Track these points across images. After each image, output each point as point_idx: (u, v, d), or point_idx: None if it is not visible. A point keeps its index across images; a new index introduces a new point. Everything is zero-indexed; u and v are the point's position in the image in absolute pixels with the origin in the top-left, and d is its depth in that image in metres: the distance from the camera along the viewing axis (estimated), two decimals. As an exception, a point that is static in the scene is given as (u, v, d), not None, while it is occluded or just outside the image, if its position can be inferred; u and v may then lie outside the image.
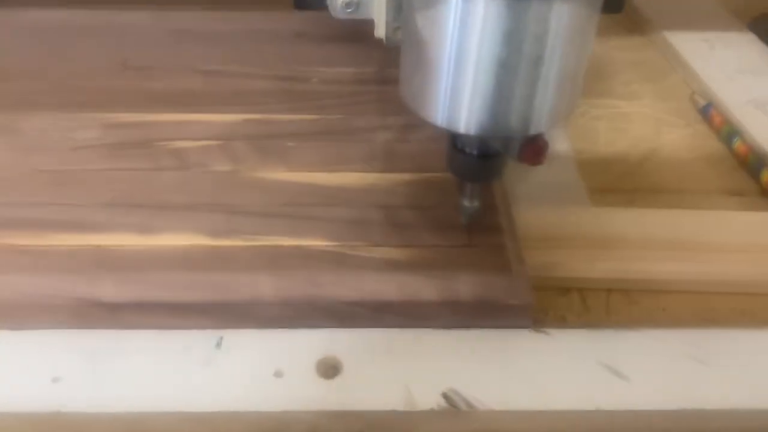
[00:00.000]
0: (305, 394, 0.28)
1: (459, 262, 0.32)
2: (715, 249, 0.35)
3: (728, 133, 0.44)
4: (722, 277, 0.34)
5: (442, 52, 0.26)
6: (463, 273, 0.31)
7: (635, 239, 0.35)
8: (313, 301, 0.30)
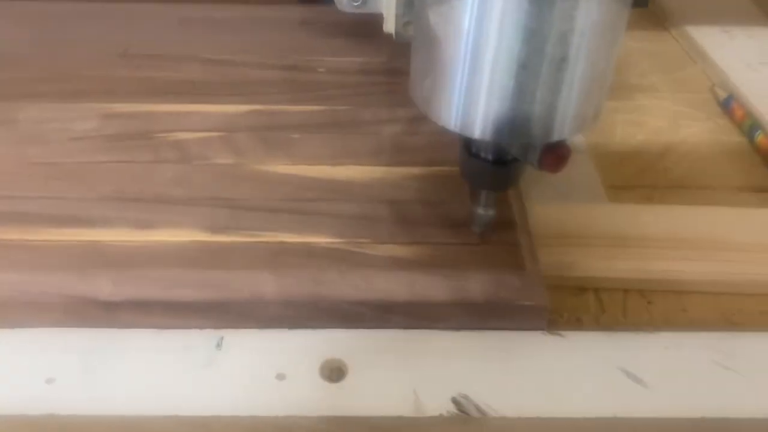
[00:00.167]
0: (308, 397, 0.28)
1: (470, 261, 0.32)
2: (738, 248, 0.34)
3: (750, 127, 0.44)
4: (746, 277, 0.33)
5: (456, 51, 0.25)
6: (474, 272, 0.31)
7: (654, 237, 0.35)
8: (317, 300, 0.30)
